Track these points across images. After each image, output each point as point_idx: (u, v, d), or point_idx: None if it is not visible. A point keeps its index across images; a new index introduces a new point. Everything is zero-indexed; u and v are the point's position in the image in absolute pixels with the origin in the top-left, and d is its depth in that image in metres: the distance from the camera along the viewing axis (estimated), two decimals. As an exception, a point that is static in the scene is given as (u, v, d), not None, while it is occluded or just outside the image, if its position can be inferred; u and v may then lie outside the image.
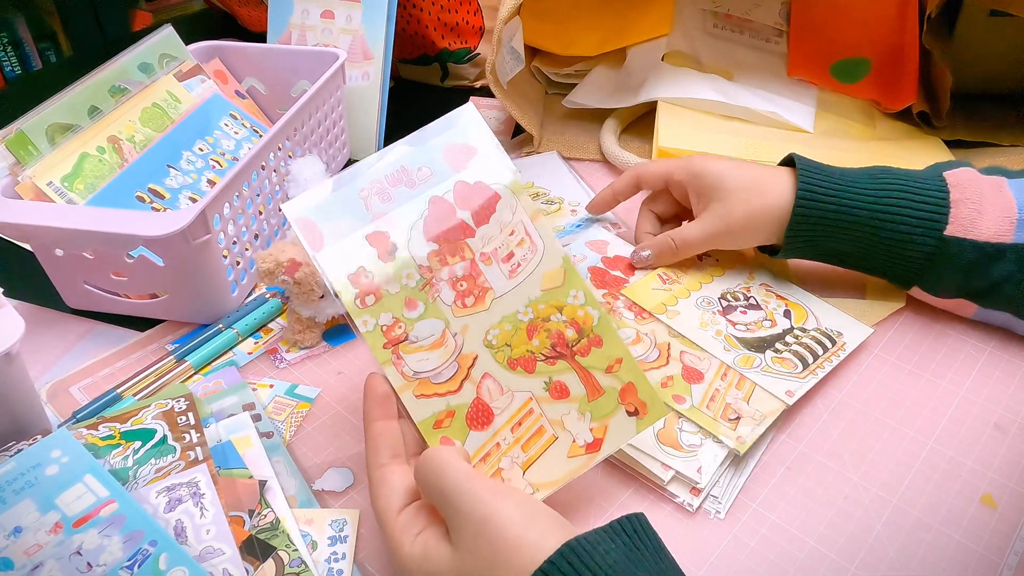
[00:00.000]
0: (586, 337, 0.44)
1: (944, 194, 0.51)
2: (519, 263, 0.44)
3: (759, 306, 0.57)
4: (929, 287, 0.54)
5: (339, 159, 0.80)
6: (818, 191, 0.53)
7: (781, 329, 0.55)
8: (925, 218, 0.51)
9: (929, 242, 0.51)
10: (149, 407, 0.50)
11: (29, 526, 0.41)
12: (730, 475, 0.47)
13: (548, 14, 0.83)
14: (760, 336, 0.54)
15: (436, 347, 0.41)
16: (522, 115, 0.77)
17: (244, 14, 1.03)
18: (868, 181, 0.53)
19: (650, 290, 0.57)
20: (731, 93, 0.78)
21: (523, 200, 0.44)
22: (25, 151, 0.58)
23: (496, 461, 0.42)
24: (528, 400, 0.42)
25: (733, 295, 0.57)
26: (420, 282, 0.42)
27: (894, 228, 0.52)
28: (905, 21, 0.75)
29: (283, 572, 0.42)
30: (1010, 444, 0.49)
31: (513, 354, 0.43)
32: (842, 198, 0.52)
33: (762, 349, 0.53)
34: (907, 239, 0.52)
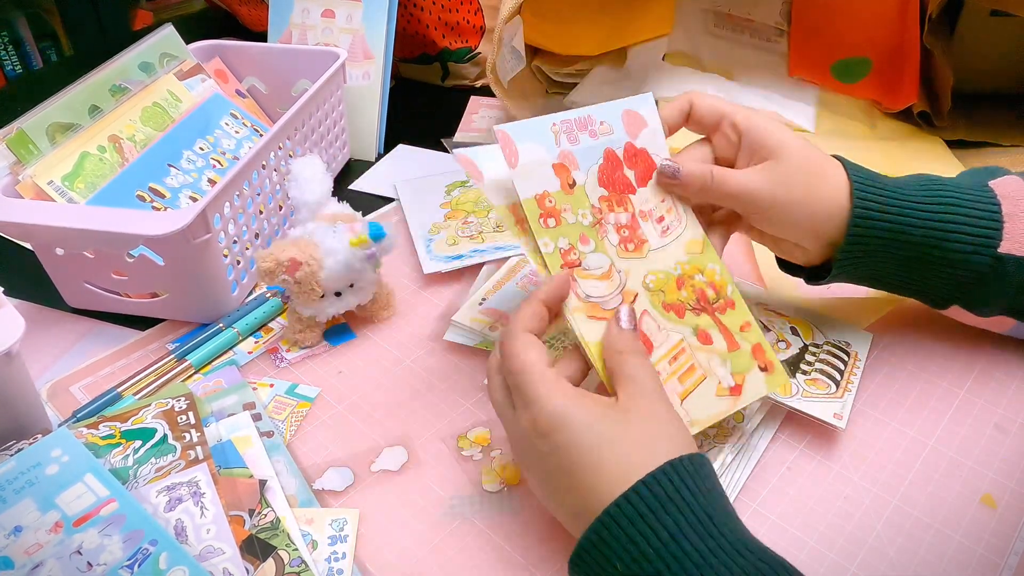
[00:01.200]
0: (722, 299, 0.49)
1: (996, 207, 0.47)
2: (668, 227, 0.49)
3: (767, 327, 0.55)
4: (972, 306, 0.50)
5: (340, 158, 0.80)
6: (874, 206, 0.47)
7: (797, 348, 0.53)
8: (979, 235, 0.47)
9: (983, 260, 0.47)
10: (149, 406, 0.50)
11: (29, 525, 0.41)
12: (730, 475, 0.47)
13: (549, 13, 0.83)
14: (784, 360, 0.52)
15: (604, 278, 0.44)
16: (522, 114, 0.77)
17: (245, 13, 1.03)
18: (922, 195, 0.48)
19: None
20: (732, 92, 0.78)
21: None
22: (26, 150, 0.58)
23: None
24: (680, 340, 0.46)
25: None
26: (592, 221, 0.46)
27: (948, 247, 0.47)
28: (906, 21, 0.74)
29: (283, 572, 0.42)
30: (1010, 444, 0.49)
31: (667, 299, 0.47)
32: (897, 214, 0.47)
33: (792, 373, 0.51)
34: (961, 258, 0.47)
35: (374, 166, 0.81)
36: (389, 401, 0.53)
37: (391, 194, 0.76)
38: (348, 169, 0.81)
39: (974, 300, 0.49)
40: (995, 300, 0.49)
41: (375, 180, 0.79)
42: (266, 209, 0.64)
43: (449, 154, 0.82)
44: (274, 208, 0.66)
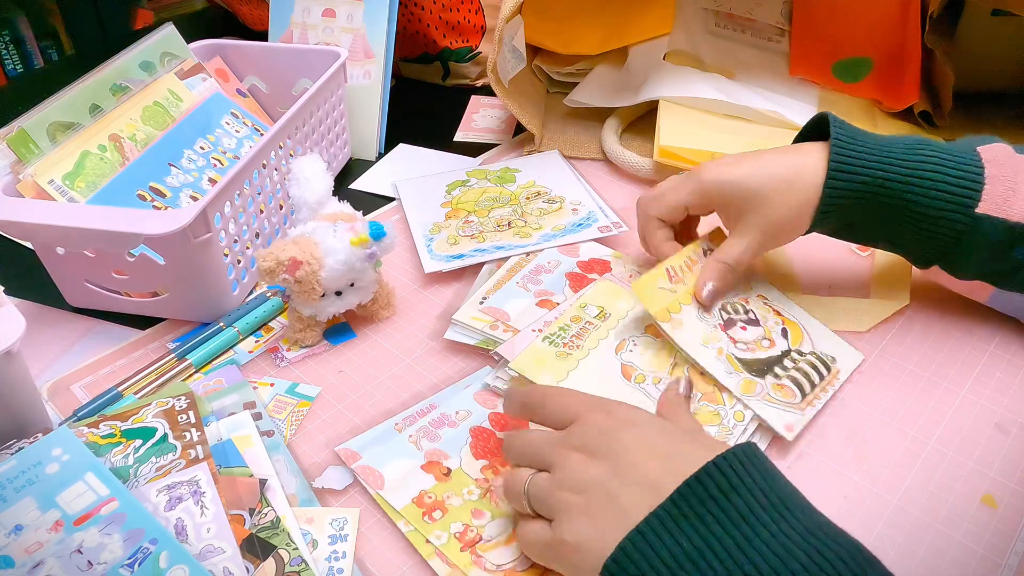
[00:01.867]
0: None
1: (979, 169, 0.48)
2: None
3: (758, 322, 0.55)
4: (951, 267, 0.52)
5: (340, 158, 0.80)
6: (850, 163, 0.49)
7: (779, 351, 0.53)
8: (958, 194, 0.48)
9: (960, 219, 0.48)
10: (150, 405, 0.50)
11: (30, 524, 0.41)
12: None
13: (549, 13, 0.83)
14: (760, 358, 0.52)
15: (511, 541, 0.43)
16: (523, 114, 0.77)
17: (245, 12, 1.03)
18: (903, 150, 0.50)
19: (656, 288, 0.54)
20: (733, 92, 0.78)
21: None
22: (26, 149, 0.58)
23: None
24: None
25: (733, 307, 0.55)
26: (481, 493, 0.46)
27: (927, 203, 0.49)
28: (907, 20, 0.74)
29: (283, 571, 0.42)
30: (1011, 444, 0.49)
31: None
32: (875, 168, 0.49)
33: (763, 373, 0.51)
34: (938, 215, 0.49)
35: (375, 165, 0.81)
36: (390, 400, 0.53)
37: (392, 193, 0.76)
38: (349, 168, 0.81)
39: (952, 260, 0.51)
40: (972, 262, 0.50)
41: (376, 179, 0.79)
42: (267, 208, 0.64)
43: (450, 154, 0.82)
44: (275, 207, 0.66)
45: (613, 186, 0.75)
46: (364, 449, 0.49)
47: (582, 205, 0.69)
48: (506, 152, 0.82)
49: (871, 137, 0.51)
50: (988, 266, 0.50)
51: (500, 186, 0.73)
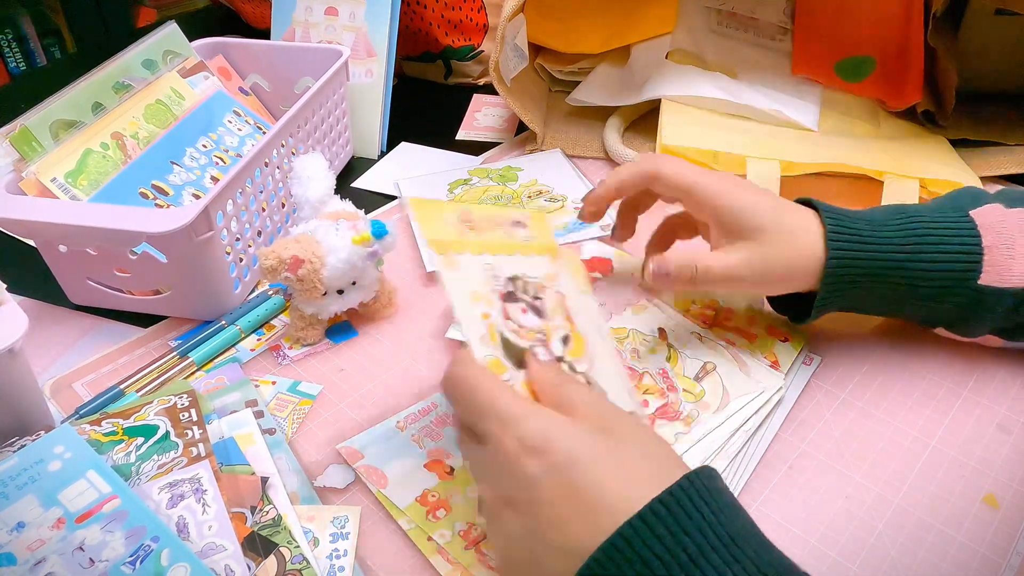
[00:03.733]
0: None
1: (976, 240, 0.48)
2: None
3: (543, 314, 0.45)
4: (957, 332, 0.52)
5: (342, 156, 0.80)
6: (849, 249, 0.48)
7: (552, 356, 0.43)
8: (959, 270, 0.48)
9: (963, 292, 0.48)
10: (152, 403, 0.50)
11: (32, 522, 0.41)
12: (732, 474, 0.47)
13: (552, 11, 0.83)
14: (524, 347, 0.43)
15: None
16: (525, 113, 0.77)
17: (248, 11, 1.03)
18: (897, 232, 0.48)
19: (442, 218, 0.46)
20: (735, 91, 0.78)
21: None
22: (29, 147, 0.58)
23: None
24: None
25: (524, 285, 0.46)
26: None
27: (928, 283, 0.48)
28: (910, 19, 0.74)
29: (285, 569, 0.42)
30: (1013, 444, 0.48)
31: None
32: (874, 255, 0.48)
33: (520, 364, 0.42)
34: (941, 293, 0.48)
35: (377, 164, 0.81)
36: (392, 399, 0.53)
37: (394, 192, 0.76)
38: (351, 167, 0.81)
39: (958, 328, 0.51)
40: (980, 326, 0.50)
41: (378, 178, 0.79)
42: (268, 207, 0.64)
43: (452, 152, 0.82)
44: (276, 206, 0.66)
45: (615, 185, 0.75)
46: (366, 448, 0.49)
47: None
48: (508, 151, 0.82)
49: (861, 220, 0.49)
50: (995, 326, 0.50)
51: (502, 185, 0.73)
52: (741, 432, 0.49)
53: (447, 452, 0.48)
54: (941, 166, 0.71)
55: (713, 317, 0.57)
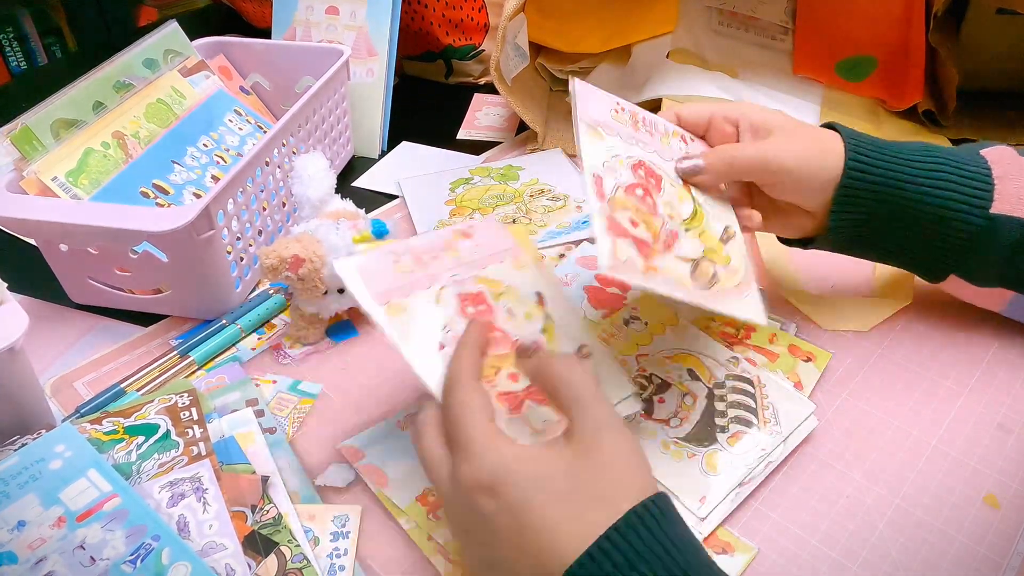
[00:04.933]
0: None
1: (987, 170, 0.48)
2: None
3: (665, 382, 0.52)
4: (968, 273, 0.50)
5: (343, 155, 0.80)
6: (866, 159, 0.49)
7: (704, 399, 0.50)
8: (971, 195, 0.47)
9: (975, 220, 0.47)
10: (152, 402, 0.50)
11: (33, 520, 0.41)
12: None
13: (553, 11, 0.83)
14: (697, 423, 0.49)
15: None
16: (526, 112, 0.77)
17: (249, 10, 1.03)
18: (913, 153, 0.49)
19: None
20: (736, 91, 0.78)
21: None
22: (30, 146, 0.58)
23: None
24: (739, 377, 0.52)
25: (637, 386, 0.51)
26: None
27: (942, 204, 0.48)
28: (911, 19, 0.74)
29: (285, 568, 0.42)
30: (1013, 444, 0.48)
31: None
32: (889, 168, 0.49)
33: (712, 437, 0.48)
34: (953, 216, 0.48)
35: (377, 163, 0.81)
36: (392, 398, 0.53)
37: (395, 191, 0.76)
38: (352, 166, 0.81)
39: (968, 266, 0.50)
40: (988, 265, 0.49)
41: (378, 177, 0.79)
42: (269, 206, 0.64)
43: (453, 151, 0.82)
44: (277, 205, 0.66)
45: (616, 184, 0.75)
46: (366, 447, 0.49)
47: (586, 203, 0.69)
48: (509, 150, 0.82)
49: (881, 140, 0.51)
50: (1006, 269, 0.49)
51: (504, 184, 0.73)
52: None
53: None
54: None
55: (735, 335, 0.56)
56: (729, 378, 0.52)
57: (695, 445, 0.48)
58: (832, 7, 0.78)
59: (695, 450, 0.47)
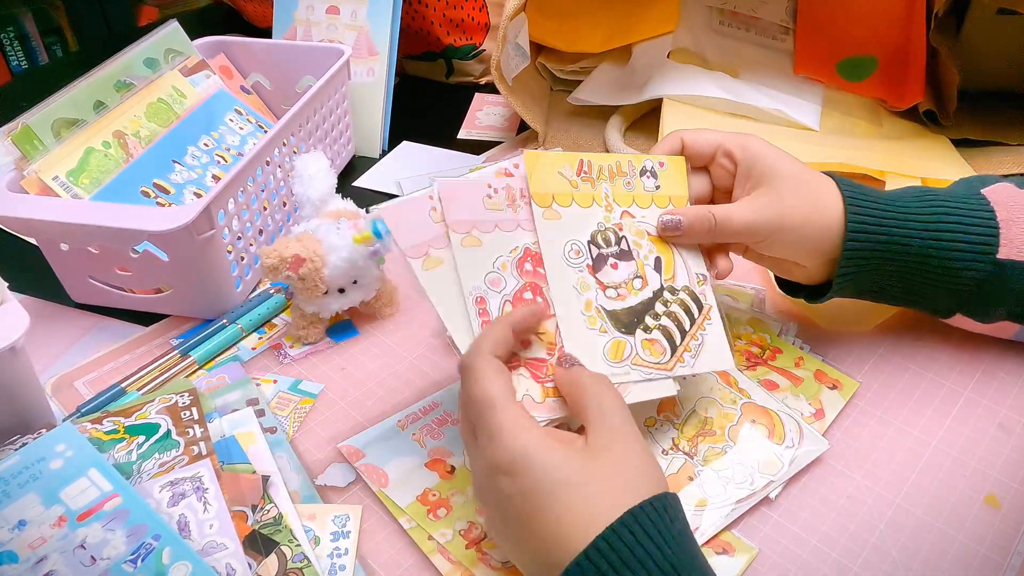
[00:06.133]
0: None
1: (990, 214, 0.47)
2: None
3: (631, 254, 0.48)
4: (976, 314, 0.50)
5: (344, 155, 0.80)
6: (869, 219, 0.47)
7: (651, 292, 0.47)
8: (977, 242, 0.47)
9: (982, 267, 0.47)
10: (153, 402, 0.50)
11: (33, 519, 0.41)
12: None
13: (553, 11, 0.83)
14: (630, 307, 0.46)
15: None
16: (527, 112, 0.77)
17: (249, 10, 1.03)
18: (916, 205, 0.48)
19: (555, 171, 0.47)
20: (737, 91, 0.78)
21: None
22: (31, 145, 0.58)
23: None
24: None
25: (604, 236, 0.47)
26: None
27: (947, 255, 0.47)
28: (912, 19, 0.74)
29: (286, 567, 0.42)
30: (1014, 445, 0.48)
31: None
32: (893, 226, 0.48)
33: (632, 328, 0.46)
34: (960, 265, 0.47)
35: (378, 163, 0.81)
36: (392, 398, 0.53)
37: (395, 191, 0.76)
38: (352, 166, 0.81)
39: (975, 308, 0.49)
40: (996, 307, 0.49)
41: (379, 177, 0.79)
42: (270, 205, 0.64)
43: (454, 151, 0.82)
44: (278, 204, 0.66)
45: (616, 184, 0.75)
46: (367, 447, 0.49)
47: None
48: (510, 150, 0.82)
49: (880, 193, 0.49)
50: (1014, 307, 0.49)
51: (503, 184, 0.73)
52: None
53: (448, 451, 0.48)
54: (943, 165, 0.71)
55: (760, 355, 0.55)
56: (685, 291, 0.48)
57: (613, 324, 0.45)
58: (833, 7, 0.78)
59: (610, 329, 0.45)
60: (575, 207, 0.47)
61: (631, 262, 0.47)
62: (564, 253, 0.46)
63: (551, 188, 0.47)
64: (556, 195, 0.47)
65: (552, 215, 0.46)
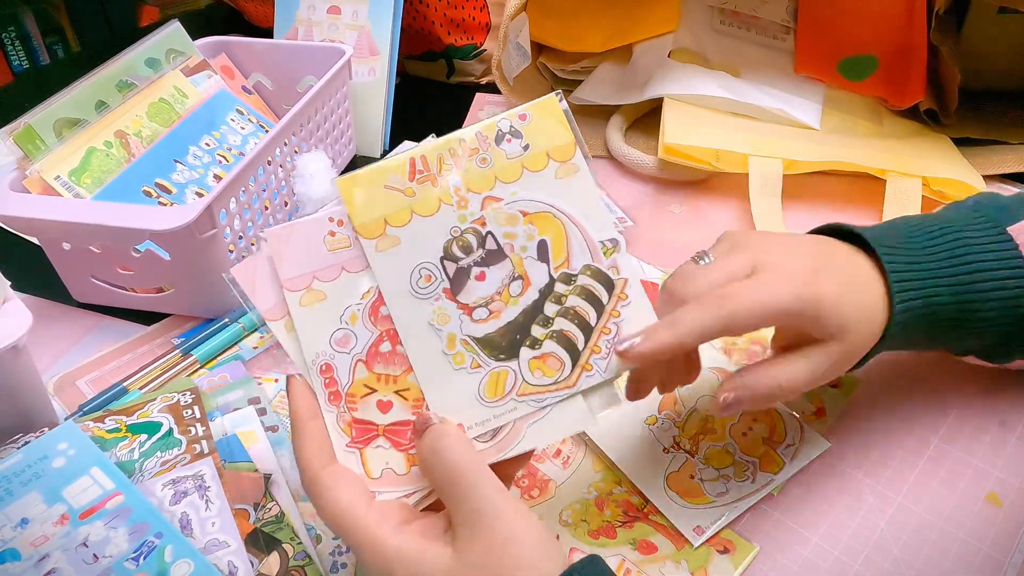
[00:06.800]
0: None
1: (1019, 261, 0.44)
2: (568, 456, 0.48)
3: (501, 251, 0.38)
4: (995, 359, 0.48)
5: (345, 155, 0.80)
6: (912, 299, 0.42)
7: (536, 291, 0.38)
8: (1009, 297, 0.44)
9: (1009, 323, 0.44)
10: (155, 400, 0.50)
11: (36, 518, 0.41)
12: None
13: (554, 10, 0.83)
14: (508, 323, 0.37)
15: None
16: (528, 111, 0.77)
17: (251, 9, 1.03)
18: (948, 261, 0.44)
19: (381, 186, 0.38)
20: (738, 90, 0.78)
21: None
22: (33, 145, 0.58)
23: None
24: (621, 562, 0.42)
25: (462, 243, 0.38)
26: None
27: (978, 315, 0.44)
28: (913, 18, 0.74)
29: (287, 565, 0.42)
30: (1016, 442, 0.48)
31: (591, 527, 0.44)
32: (934, 296, 0.43)
33: (515, 349, 0.37)
34: (990, 322, 0.44)
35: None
36: (393, 396, 0.53)
37: (396, 190, 0.76)
38: (353, 165, 0.81)
39: (996, 355, 0.48)
40: (1012, 355, 0.47)
41: (380, 176, 0.79)
42: (271, 205, 0.64)
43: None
44: (279, 204, 0.66)
45: (618, 183, 0.75)
46: None
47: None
48: (510, 149, 0.82)
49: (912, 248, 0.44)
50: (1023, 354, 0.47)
51: (504, 183, 0.73)
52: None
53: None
54: (944, 164, 0.71)
55: (761, 355, 0.53)
56: (586, 273, 0.38)
57: (488, 353, 0.37)
58: (834, 6, 0.78)
59: (485, 362, 0.37)
60: (416, 221, 0.37)
61: (503, 263, 0.38)
62: (411, 285, 0.37)
63: (379, 211, 0.37)
64: (388, 216, 0.37)
65: (387, 243, 0.37)
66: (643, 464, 0.47)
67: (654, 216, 0.70)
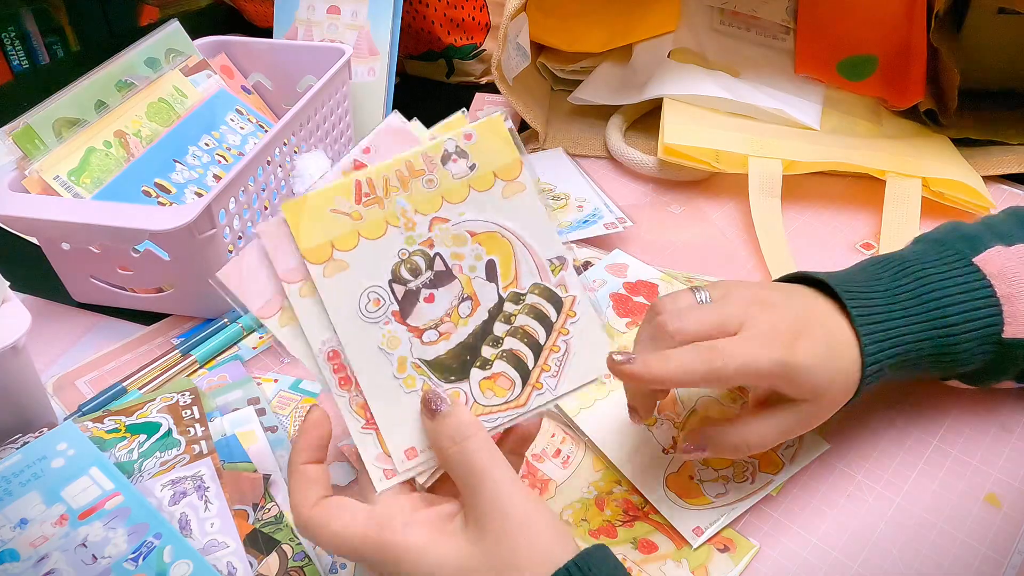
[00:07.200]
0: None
1: (989, 292, 0.44)
2: (568, 456, 0.48)
3: (449, 272, 0.38)
4: (976, 384, 0.48)
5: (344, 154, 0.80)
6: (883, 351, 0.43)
7: (486, 311, 0.38)
8: (981, 328, 0.44)
9: (989, 350, 0.45)
10: (154, 401, 0.50)
11: (35, 518, 0.41)
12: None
13: (554, 10, 0.83)
14: (458, 344, 0.38)
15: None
16: (528, 112, 0.77)
17: (250, 9, 1.03)
18: (917, 306, 0.44)
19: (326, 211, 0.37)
20: (737, 90, 0.78)
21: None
22: (32, 145, 0.58)
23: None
24: (622, 561, 0.41)
25: (410, 265, 0.38)
26: None
27: (954, 348, 0.44)
28: (913, 18, 0.74)
29: (287, 566, 0.42)
30: (1015, 444, 0.48)
31: (592, 526, 0.44)
32: (903, 344, 0.44)
33: (465, 370, 0.38)
34: (966, 355, 0.45)
35: (379, 162, 0.81)
36: (393, 397, 0.53)
37: (396, 190, 0.76)
38: (353, 165, 0.81)
39: (977, 381, 0.48)
40: (999, 379, 0.47)
41: (380, 176, 0.79)
42: (271, 205, 0.64)
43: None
44: (279, 204, 0.66)
45: (618, 183, 0.75)
46: None
47: (587, 202, 0.69)
48: (510, 149, 0.82)
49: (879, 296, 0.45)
50: (1012, 376, 0.47)
51: (504, 183, 0.73)
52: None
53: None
54: (943, 165, 0.71)
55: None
56: (535, 291, 0.38)
57: (439, 375, 0.37)
58: (833, 7, 0.78)
59: (435, 383, 0.37)
60: (364, 244, 0.37)
61: (452, 283, 0.38)
62: (360, 309, 0.37)
63: (326, 235, 0.37)
64: (335, 240, 0.37)
65: (335, 268, 0.37)
66: (642, 465, 0.47)
67: (654, 216, 0.70)
